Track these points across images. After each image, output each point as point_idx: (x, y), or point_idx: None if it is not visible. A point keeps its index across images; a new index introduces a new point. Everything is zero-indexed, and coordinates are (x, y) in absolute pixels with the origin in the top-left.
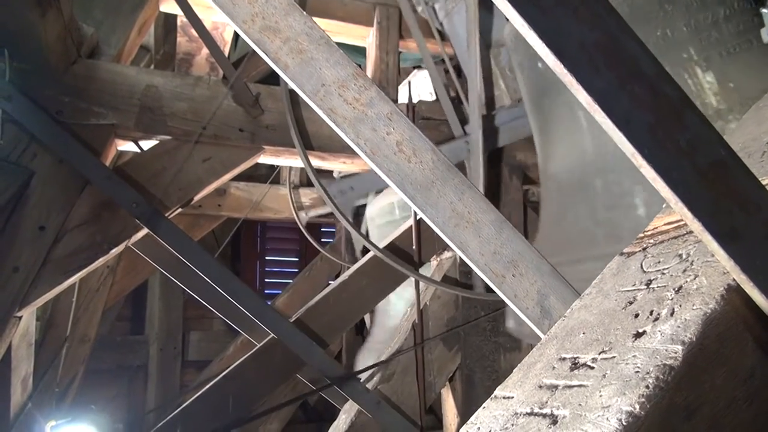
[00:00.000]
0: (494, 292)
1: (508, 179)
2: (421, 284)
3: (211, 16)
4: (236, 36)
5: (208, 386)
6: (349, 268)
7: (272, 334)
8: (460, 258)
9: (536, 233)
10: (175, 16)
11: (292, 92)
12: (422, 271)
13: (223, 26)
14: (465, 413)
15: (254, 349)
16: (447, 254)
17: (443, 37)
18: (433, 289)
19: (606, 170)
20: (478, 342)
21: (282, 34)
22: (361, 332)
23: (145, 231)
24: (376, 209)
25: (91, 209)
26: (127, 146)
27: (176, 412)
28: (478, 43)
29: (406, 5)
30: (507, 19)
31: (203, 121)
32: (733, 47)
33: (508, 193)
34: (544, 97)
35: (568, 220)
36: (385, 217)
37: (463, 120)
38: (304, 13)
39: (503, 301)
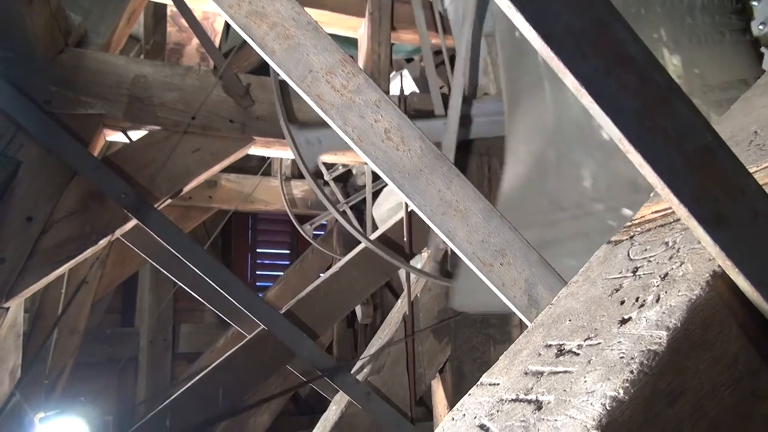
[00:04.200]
0: None
1: (479, 163)
2: (412, 276)
3: (201, 6)
4: (227, 27)
5: (197, 378)
6: (340, 260)
7: (263, 326)
8: (452, 250)
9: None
10: (164, 6)
11: (282, 82)
12: (413, 262)
13: (213, 16)
14: (455, 404)
15: (244, 341)
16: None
17: (444, 24)
18: (424, 280)
19: (560, 141)
20: (468, 333)
21: (269, 19)
22: (352, 324)
23: (134, 222)
24: (384, 210)
25: (79, 200)
26: (116, 136)
27: (166, 403)
28: (473, 21)
29: None
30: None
31: (193, 112)
32: (704, 36)
33: (471, 175)
34: (516, 67)
35: (520, 188)
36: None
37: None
38: None
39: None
